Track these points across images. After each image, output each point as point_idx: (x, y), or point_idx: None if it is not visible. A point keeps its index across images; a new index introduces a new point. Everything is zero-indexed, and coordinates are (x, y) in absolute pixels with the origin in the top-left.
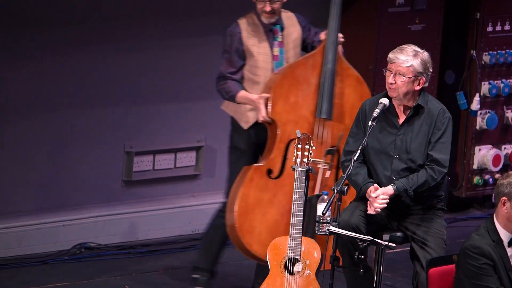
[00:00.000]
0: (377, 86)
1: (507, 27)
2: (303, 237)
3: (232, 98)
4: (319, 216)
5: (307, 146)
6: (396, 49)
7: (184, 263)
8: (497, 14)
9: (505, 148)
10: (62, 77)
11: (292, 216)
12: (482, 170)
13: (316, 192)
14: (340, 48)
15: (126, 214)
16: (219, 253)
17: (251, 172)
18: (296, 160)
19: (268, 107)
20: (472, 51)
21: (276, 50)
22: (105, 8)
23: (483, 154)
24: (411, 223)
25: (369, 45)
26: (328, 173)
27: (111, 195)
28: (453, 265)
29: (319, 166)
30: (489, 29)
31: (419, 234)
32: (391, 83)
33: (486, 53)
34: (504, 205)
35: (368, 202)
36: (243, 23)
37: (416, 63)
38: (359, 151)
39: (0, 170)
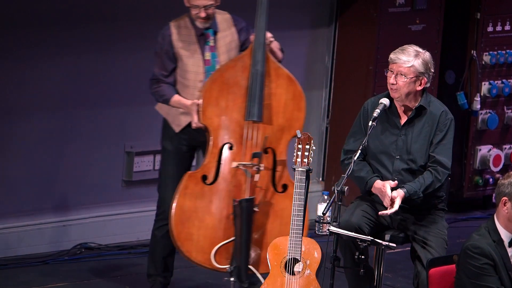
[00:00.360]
0: (377, 86)
1: (507, 27)
2: (303, 237)
3: (165, 101)
4: (320, 216)
5: (307, 146)
6: (397, 49)
7: (185, 262)
8: (497, 14)
9: (505, 148)
10: (62, 78)
11: (292, 216)
12: (482, 170)
13: (246, 195)
14: (275, 45)
15: (127, 214)
16: (167, 258)
17: (186, 180)
18: (296, 160)
19: (199, 113)
20: (472, 51)
21: (208, 55)
22: (106, 9)
23: (484, 154)
24: (412, 223)
25: (369, 45)
26: (257, 177)
27: (111, 195)
28: (453, 265)
29: (247, 169)
30: (490, 29)
31: (420, 234)
32: (393, 84)
33: (487, 53)
34: (504, 205)
35: (382, 196)
36: (174, 26)
37: (417, 63)
38: (359, 151)
39: (0, 170)
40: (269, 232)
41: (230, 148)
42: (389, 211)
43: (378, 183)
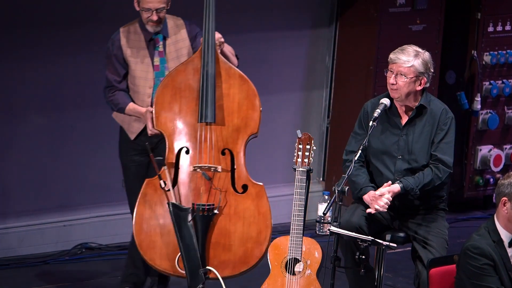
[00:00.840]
0: (378, 86)
1: (508, 27)
2: (304, 237)
3: (120, 110)
4: (320, 216)
5: (308, 146)
6: (397, 49)
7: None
8: (498, 14)
9: (506, 148)
10: (63, 78)
11: (293, 216)
12: (483, 170)
13: (204, 199)
14: (228, 49)
15: (127, 215)
16: (144, 264)
17: (144, 187)
18: (296, 160)
19: (153, 120)
20: (473, 51)
21: (157, 60)
22: (105, 10)
23: (484, 154)
24: (413, 223)
25: (370, 45)
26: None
27: (111, 196)
28: (454, 265)
29: (205, 171)
30: (490, 29)
31: (421, 234)
32: (393, 84)
33: (487, 53)
34: (504, 206)
35: (370, 204)
36: (124, 31)
37: (417, 63)
38: (359, 151)
39: (1, 170)
40: (232, 234)
41: (187, 152)
42: (376, 208)
43: (370, 193)
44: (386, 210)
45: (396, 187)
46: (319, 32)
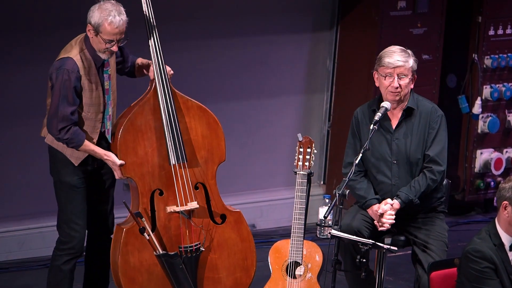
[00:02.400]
0: (379, 89)
1: (508, 31)
2: (304, 241)
3: (75, 147)
4: (321, 219)
5: (308, 150)
6: (386, 53)
7: None
8: (498, 17)
9: (506, 151)
10: None
11: (294, 220)
12: (483, 174)
13: (188, 240)
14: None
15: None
16: None
17: (124, 237)
18: (297, 164)
19: (119, 168)
20: (473, 54)
21: (107, 84)
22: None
23: (485, 158)
24: (413, 226)
25: (371, 49)
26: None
27: None
28: (454, 269)
29: (186, 209)
30: (491, 32)
31: (420, 237)
32: (397, 87)
33: (488, 57)
34: (505, 209)
35: (375, 218)
36: (78, 60)
37: (412, 61)
38: (360, 154)
39: (1, 173)
40: (219, 266)
41: (160, 194)
42: (384, 227)
43: (374, 207)
44: (393, 222)
45: (396, 203)
46: (320, 36)
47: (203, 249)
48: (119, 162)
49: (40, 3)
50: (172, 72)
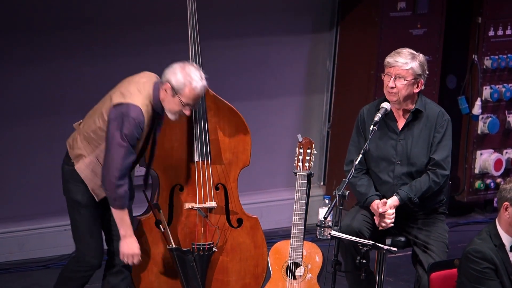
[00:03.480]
0: (379, 90)
1: (508, 32)
2: (304, 242)
3: (119, 207)
4: (321, 220)
5: (308, 151)
6: (392, 53)
7: None
8: (498, 18)
9: (506, 152)
10: (61, 81)
11: (294, 221)
12: (483, 175)
13: (202, 238)
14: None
15: None
16: None
17: (139, 227)
18: (297, 165)
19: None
20: (473, 55)
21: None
22: (102, 14)
23: (485, 159)
24: (413, 227)
25: (371, 50)
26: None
27: None
28: (455, 270)
29: (200, 209)
30: (491, 33)
31: (421, 238)
32: (392, 87)
33: (488, 58)
34: (506, 210)
35: (375, 216)
36: (145, 112)
37: (415, 65)
38: (360, 155)
39: (1, 174)
40: (230, 269)
41: (180, 189)
42: (384, 225)
43: (375, 203)
44: (392, 224)
45: (395, 200)
46: (320, 36)
47: (216, 250)
48: (137, 251)
49: (40, 3)
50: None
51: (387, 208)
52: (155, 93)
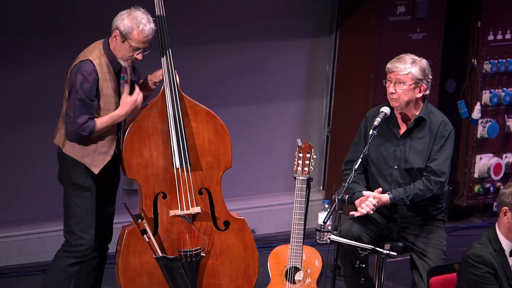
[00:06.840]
0: (378, 94)
1: (508, 36)
2: (304, 246)
3: (91, 133)
4: (321, 224)
5: (308, 155)
6: (394, 59)
7: None
8: (498, 23)
9: (506, 156)
10: (61, 85)
11: (293, 225)
12: (483, 179)
13: (189, 244)
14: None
15: (126, 223)
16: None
17: (126, 238)
18: (296, 169)
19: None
20: (473, 59)
21: (122, 90)
22: (100, 18)
23: (484, 163)
24: (411, 233)
25: (370, 54)
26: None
27: None
28: (454, 274)
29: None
30: (490, 37)
31: (418, 245)
32: (392, 93)
33: (487, 62)
34: (505, 215)
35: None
36: (97, 64)
37: (414, 70)
38: (360, 160)
39: (1, 178)
40: (221, 273)
41: (164, 197)
42: (360, 211)
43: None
44: (371, 212)
45: (385, 196)
46: (319, 41)
47: (204, 255)
48: (136, 96)
49: (42, 7)
50: (178, 79)
51: (371, 194)
52: (105, 46)
